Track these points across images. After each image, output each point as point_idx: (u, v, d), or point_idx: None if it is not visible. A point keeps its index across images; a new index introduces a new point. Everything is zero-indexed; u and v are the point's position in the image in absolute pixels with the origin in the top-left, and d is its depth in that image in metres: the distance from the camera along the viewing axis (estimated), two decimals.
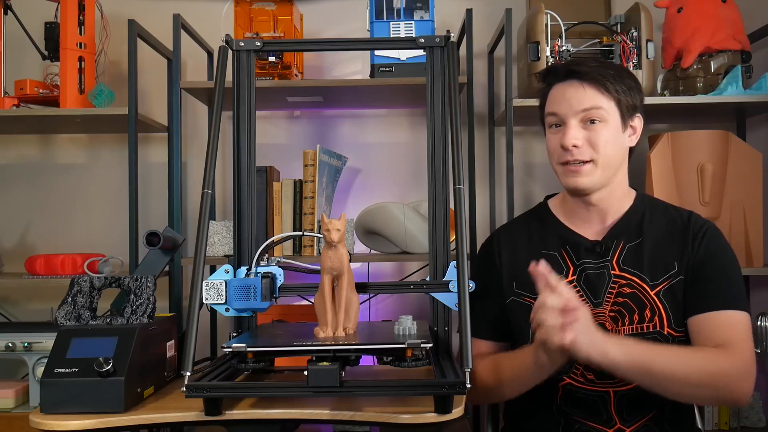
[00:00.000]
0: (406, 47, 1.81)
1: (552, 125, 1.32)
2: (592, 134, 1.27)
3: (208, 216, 1.24)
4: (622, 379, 1.22)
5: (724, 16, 1.89)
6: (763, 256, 1.87)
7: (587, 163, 1.27)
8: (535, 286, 1.25)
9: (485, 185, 2.15)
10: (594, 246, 1.33)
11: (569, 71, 1.30)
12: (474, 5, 1.96)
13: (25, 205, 2.25)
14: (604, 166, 1.28)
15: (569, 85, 1.29)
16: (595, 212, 1.34)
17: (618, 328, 1.28)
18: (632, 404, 1.28)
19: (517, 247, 1.39)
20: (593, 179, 1.28)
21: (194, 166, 2.25)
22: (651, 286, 1.29)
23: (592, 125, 1.27)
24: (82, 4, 1.95)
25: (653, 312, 1.28)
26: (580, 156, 1.27)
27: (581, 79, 1.28)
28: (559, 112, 1.29)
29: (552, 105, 1.32)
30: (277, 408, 1.13)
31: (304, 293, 1.42)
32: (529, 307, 1.31)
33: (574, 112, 1.27)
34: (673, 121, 2.18)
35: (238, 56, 1.44)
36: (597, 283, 1.31)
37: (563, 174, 1.31)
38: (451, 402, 1.08)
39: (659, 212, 1.37)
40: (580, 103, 1.27)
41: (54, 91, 1.97)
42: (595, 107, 1.26)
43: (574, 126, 1.27)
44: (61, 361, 1.16)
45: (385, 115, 2.26)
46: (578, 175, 1.28)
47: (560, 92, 1.30)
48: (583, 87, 1.28)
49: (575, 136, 1.26)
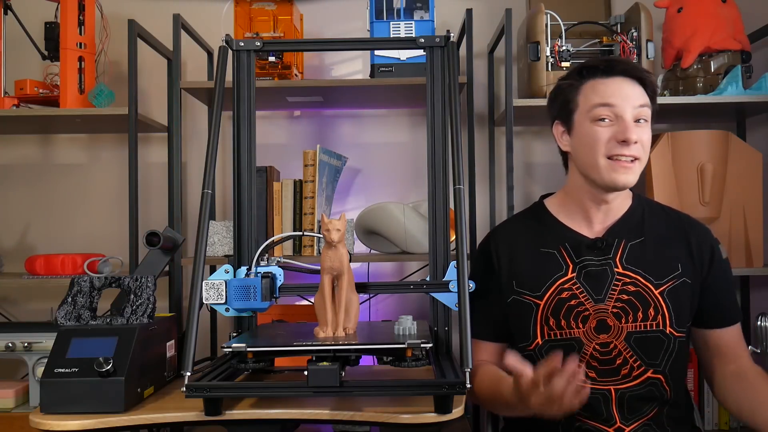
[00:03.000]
0: (406, 47, 1.81)
1: (600, 118, 1.28)
2: (641, 132, 1.28)
3: (208, 216, 1.24)
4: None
5: (724, 16, 1.89)
6: (763, 256, 1.87)
7: (636, 161, 1.28)
8: (535, 283, 1.26)
9: (485, 185, 2.15)
10: (595, 242, 1.33)
11: (625, 69, 1.31)
12: (474, 5, 1.96)
13: (25, 205, 2.25)
14: (642, 166, 1.30)
15: (623, 80, 1.29)
16: (603, 211, 1.35)
17: (621, 324, 1.29)
18: (633, 403, 1.28)
19: (515, 246, 1.39)
20: (636, 177, 1.29)
21: (194, 166, 2.25)
22: (655, 285, 1.31)
23: (639, 124, 1.28)
24: (82, 4, 1.95)
25: (657, 311, 1.29)
26: (635, 152, 1.27)
27: (635, 77, 1.30)
28: (617, 105, 1.27)
29: (606, 97, 1.28)
30: (277, 408, 1.13)
31: (304, 293, 1.43)
32: (530, 305, 1.32)
33: (632, 108, 1.27)
34: (673, 121, 2.18)
35: (238, 56, 1.44)
36: (599, 279, 1.31)
37: (610, 168, 1.28)
38: (451, 402, 1.08)
39: (657, 212, 1.39)
40: (637, 99, 1.28)
41: (54, 91, 1.97)
42: (646, 105, 1.29)
43: (631, 121, 1.27)
44: (61, 361, 1.16)
45: (385, 115, 2.26)
46: (628, 172, 1.28)
47: (615, 86, 1.29)
48: (636, 85, 1.29)
49: (635, 131, 1.27)
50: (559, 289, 1.32)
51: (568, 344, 1.29)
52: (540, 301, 1.32)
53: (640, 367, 1.28)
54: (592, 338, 1.29)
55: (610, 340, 1.29)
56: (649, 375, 1.29)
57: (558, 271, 1.33)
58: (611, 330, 1.29)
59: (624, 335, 1.29)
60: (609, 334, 1.29)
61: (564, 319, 1.30)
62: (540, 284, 1.33)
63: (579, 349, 1.29)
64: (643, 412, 1.28)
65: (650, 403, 1.29)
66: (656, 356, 1.29)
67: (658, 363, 1.29)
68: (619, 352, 1.29)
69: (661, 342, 1.29)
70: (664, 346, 1.29)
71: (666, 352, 1.29)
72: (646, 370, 1.28)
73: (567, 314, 1.30)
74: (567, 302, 1.30)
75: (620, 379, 1.28)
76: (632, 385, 1.28)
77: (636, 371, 1.28)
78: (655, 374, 1.29)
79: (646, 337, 1.29)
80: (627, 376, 1.29)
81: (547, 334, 1.31)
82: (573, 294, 1.31)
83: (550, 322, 1.31)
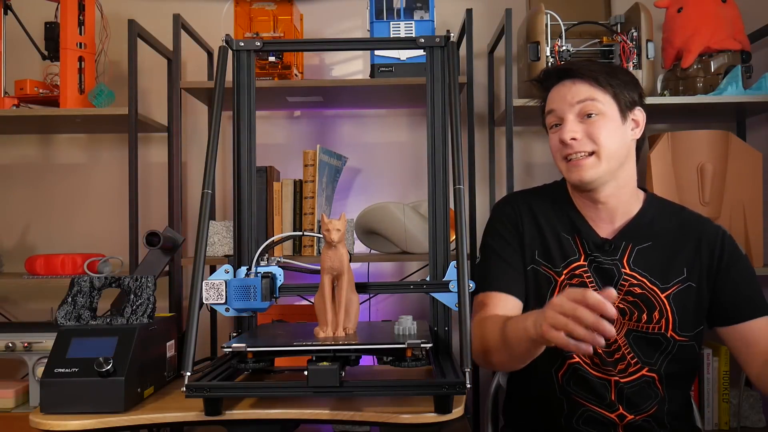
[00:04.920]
0: (406, 47, 1.81)
1: (552, 125, 1.34)
2: (590, 127, 1.28)
3: (208, 216, 1.24)
4: None
5: (724, 16, 1.89)
6: (763, 256, 1.87)
7: (590, 156, 1.29)
8: (553, 259, 1.28)
9: (485, 185, 2.15)
10: (603, 244, 1.34)
11: (561, 72, 1.33)
12: (474, 5, 1.96)
13: (25, 205, 2.25)
14: (607, 157, 1.28)
15: (563, 84, 1.33)
16: (604, 211, 1.35)
17: (623, 320, 1.30)
18: (631, 397, 1.30)
19: (538, 218, 1.39)
20: (597, 171, 1.29)
21: (194, 166, 2.25)
22: (662, 289, 1.31)
23: (590, 119, 1.29)
24: (82, 4, 1.95)
25: (661, 314, 1.30)
26: (580, 148, 1.28)
27: (573, 76, 1.31)
28: (557, 109, 1.32)
29: (550, 104, 1.35)
30: (277, 408, 1.13)
31: (304, 293, 1.42)
32: (549, 278, 1.33)
33: (569, 105, 1.30)
34: (673, 121, 2.18)
35: (238, 56, 1.44)
36: (608, 275, 1.32)
37: (567, 170, 1.32)
38: (451, 402, 1.08)
39: (669, 214, 1.38)
40: (574, 96, 1.29)
41: (54, 91, 1.97)
42: (589, 98, 1.29)
43: (571, 120, 1.29)
44: (61, 361, 1.16)
45: (385, 115, 2.26)
46: (582, 168, 1.29)
47: (556, 92, 1.34)
48: (575, 83, 1.31)
49: (572, 129, 1.29)
50: (571, 274, 1.33)
51: None
52: (558, 277, 1.33)
53: (636, 363, 1.30)
54: None
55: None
56: (644, 373, 1.30)
57: (572, 255, 1.34)
58: (614, 324, 1.28)
59: (624, 331, 1.30)
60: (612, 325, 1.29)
61: None
62: (558, 261, 1.34)
63: None
64: (642, 408, 1.30)
65: (647, 401, 1.30)
66: (652, 356, 1.30)
67: (653, 362, 1.30)
68: (618, 347, 1.30)
69: (659, 343, 1.30)
70: (662, 347, 1.30)
71: (663, 354, 1.30)
72: (641, 368, 1.30)
73: None
74: (576, 288, 1.29)
75: (618, 373, 1.30)
76: (629, 380, 1.29)
77: (632, 367, 1.30)
78: (650, 373, 1.30)
79: (646, 337, 1.30)
80: (623, 371, 1.30)
81: None
82: (583, 281, 1.32)
83: None
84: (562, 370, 1.32)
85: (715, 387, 1.92)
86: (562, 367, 1.32)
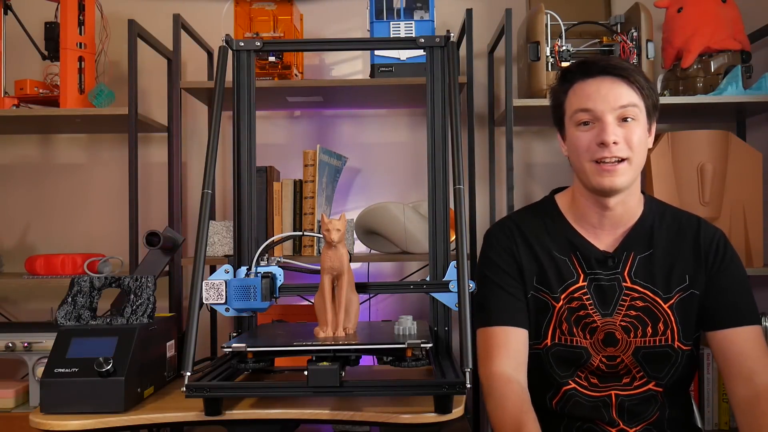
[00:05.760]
0: (406, 47, 1.81)
1: (582, 122, 1.25)
2: (628, 132, 1.22)
3: (208, 216, 1.24)
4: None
5: (724, 16, 1.89)
6: (763, 256, 1.87)
7: (623, 162, 1.23)
8: (552, 284, 1.23)
9: (485, 185, 2.15)
10: (606, 259, 1.29)
11: (603, 67, 1.25)
12: (474, 5, 1.96)
13: (25, 205, 2.25)
14: (637, 166, 1.24)
15: (603, 80, 1.24)
16: (609, 219, 1.30)
17: (629, 339, 1.26)
18: (632, 408, 1.27)
19: (532, 243, 1.33)
20: (627, 179, 1.24)
21: (194, 166, 2.25)
22: (664, 299, 1.27)
23: (626, 123, 1.22)
24: (82, 4, 1.95)
25: (666, 325, 1.26)
26: (619, 153, 1.22)
27: (616, 75, 1.23)
28: (595, 109, 1.22)
29: (583, 101, 1.24)
30: (277, 408, 1.13)
31: (304, 293, 1.42)
32: (548, 304, 1.29)
33: (612, 108, 1.22)
34: (673, 121, 2.18)
35: (238, 56, 1.44)
36: (608, 293, 1.28)
37: (596, 173, 1.23)
38: (451, 402, 1.08)
39: (668, 219, 1.34)
40: (618, 99, 1.22)
41: (54, 91, 1.97)
42: (631, 104, 1.22)
43: (612, 123, 1.22)
44: (61, 361, 1.16)
45: (385, 115, 2.26)
46: (614, 174, 1.22)
47: (593, 88, 1.24)
48: (619, 83, 1.23)
49: (615, 132, 1.21)
50: (570, 297, 1.28)
51: (575, 352, 1.27)
52: (557, 303, 1.28)
53: (642, 378, 1.27)
54: (599, 350, 1.26)
55: (618, 354, 1.26)
56: (650, 387, 1.27)
57: (570, 277, 1.29)
58: (619, 344, 1.26)
59: (632, 350, 1.26)
60: (617, 348, 1.26)
61: (574, 327, 1.27)
62: (556, 286, 1.29)
63: (585, 360, 1.26)
64: (643, 416, 1.27)
65: (650, 409, 1.27)
66: (661, 370, 1.26)
67: (661, 377, 1.27)
68: (626, 366, 1.26)
69: (668, 357, 1.26)
70: (671, 360, 1.26)
71: (672, 367, 1.27)
72: (648, 382, 1.27)
73: (576, 323, 1.27)
74: (576, 312, 1.27)
75: (621, 386, 1.27)
76: (632, 393, 1.26)
77: (638, 381, 1.27)
78: (657, 387, 1.27)
79: (654, 352, 1.26)
80: (628, 384, 1.27)
81: (558, 337, 1.28)
82: (582, 304, 1.27)
83: (563, 327, 1.27)
84: (556, 398, 1.29)
85: (715, 387, 1.92)
86: (557, 395, 1.29)
